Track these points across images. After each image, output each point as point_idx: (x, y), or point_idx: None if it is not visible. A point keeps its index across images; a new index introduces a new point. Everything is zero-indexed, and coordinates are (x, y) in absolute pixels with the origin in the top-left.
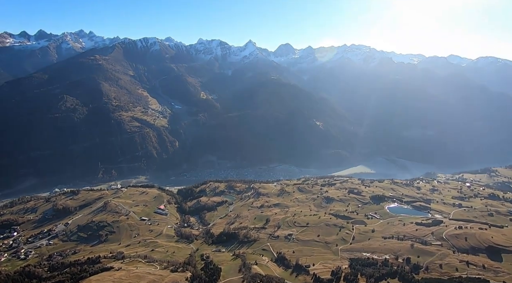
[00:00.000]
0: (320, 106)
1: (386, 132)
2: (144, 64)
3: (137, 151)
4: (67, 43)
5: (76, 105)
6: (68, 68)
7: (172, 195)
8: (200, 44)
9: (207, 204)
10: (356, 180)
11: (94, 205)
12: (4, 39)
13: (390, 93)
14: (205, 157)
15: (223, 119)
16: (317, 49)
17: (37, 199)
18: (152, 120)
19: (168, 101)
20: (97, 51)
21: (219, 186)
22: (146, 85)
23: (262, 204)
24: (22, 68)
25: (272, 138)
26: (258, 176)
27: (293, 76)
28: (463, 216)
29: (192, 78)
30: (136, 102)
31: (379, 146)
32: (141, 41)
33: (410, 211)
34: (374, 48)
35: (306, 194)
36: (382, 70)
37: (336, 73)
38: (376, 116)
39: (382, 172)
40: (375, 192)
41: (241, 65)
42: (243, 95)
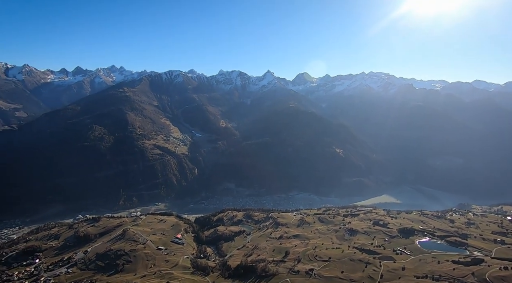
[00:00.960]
0: (339, 134)
1: (410, 160)
2: (168, 94)
3: (158, 178)
4: (99, 78)
5: (103, 134)
6: (98, 100)
7: (190, 224)
8: (221, 75)
9: (224, 233)
10: (381, 210)
11: (113, 232)
12: (46, 76)
13: (412, 120)
14: (223, 185)
15: (242, 147)
16: (335, 78)
17: (61, 225)
18: (173, 148)
19: (189, 129)
20: (126, 84)
21: (236, 215)
22: (169, 115)
23: (281, 234)
24: (60, 101)
25: (291, 166)
26: (277, 205)
27: (311, 104)
28: (508, 255)
29: (213, 107)
30: (159, 130)
31: (404, 174)
32: (166, 74)
33: (445, 247)
34: (393, 75)
35: (327, 224)
36: (402, 96)
37: (355, 101)
38: (399, 144)
39: (409, 202)
40: (403, 224)
41: (259, 94)
42: (261, 123)
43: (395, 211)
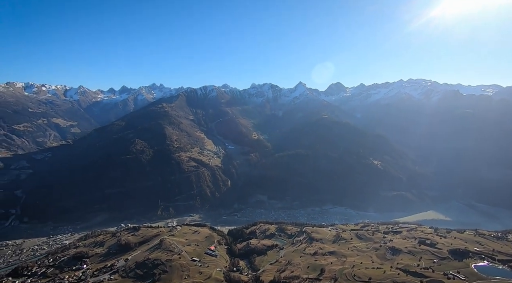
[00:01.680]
0: (376, 145)
1: (459, 172)
2: (202, 109)
3: (193, 189)
4: (142, 95)
5: (144, 147)
6: (140, 116)
7: (223, 236)
8: (253, 88)
9: (257, 247)
10: (428, 228)
11: (151, 242)
12: (97, 95)
13: (460, 128)
14: (255, 197)
15: (274, 159)
16: (370, 86)
17: (105, 233)
18: (207, 160)
19: (222, 142)
20: (164, 100)
21: (269, 228)
22: (203, 128)
23: (316, 250)
24: (108, 118)
25: (324, 179)
26: (311, 219)
27: (345, 115)
28: None
29: (245, 120)
30: (194, 143)
31: (452, 188)
32: (201, 89)
33: (508, 273)
34: (435, 81)
35: (366, 242)
36: (447, 104)
37: (392, 110)
38: (445, 155)
39: (460, 220)
40: (454, 245)
41: (291, 106)
42: (293, 134)
43: (444, 229)
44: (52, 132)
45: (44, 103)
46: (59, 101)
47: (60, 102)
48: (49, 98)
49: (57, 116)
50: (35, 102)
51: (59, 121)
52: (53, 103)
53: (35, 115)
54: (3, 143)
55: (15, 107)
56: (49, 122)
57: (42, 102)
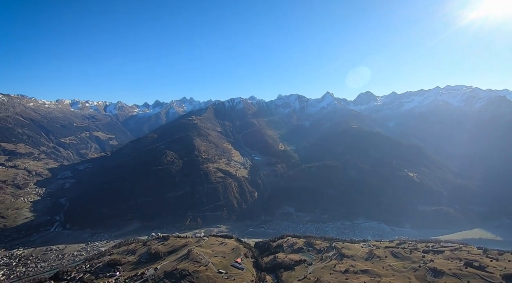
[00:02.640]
0: (411, 155)
1: (510, 186)
2: (230, 120)
3: (220, 200)
4: (173, 109)
5: (174, 158)
6: (171, 128)
7: (249, 248)
8: (279, 99)
9: (284, 261)
10: (475, 248)
11: (179, 252)
12: (133, 109)
13: (508, 137)
14: (282, 208)
15: (301, 170)
16: (403, 94)
17: (137, 241)
18: (234, 171)
19: (249, 153)
20: (194, 113)
21: (297, 242)
22: (230, 139)
23: (347, 268)
24: (142, 130)
25: (355, 191)
26: (341, 233)
27: (376, 124)
28: None
29: (271, 131)
30: (221, 154)
31: (503, 204)
32: (228, 102)
33: None
34: (477, 87)
35: (403, 261)
36: (492, 111)
37: (429, 118)
38: (491, 167)
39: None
40: (509, 269)
41: (319, 116)
42: (321, 145)
43: (495, 250)
44: (93, 144)
45: (87, 118)
46: (100, 116)
47: (100, 116)
48: (91, 114)
49: (97, 129)
50: (79, 117)
51: (99, 134)
52: (95, 118)
53: (79, 129)
54: (52, 154)
55: (62, 122)
56: (91, 135)
57: (86, 117)
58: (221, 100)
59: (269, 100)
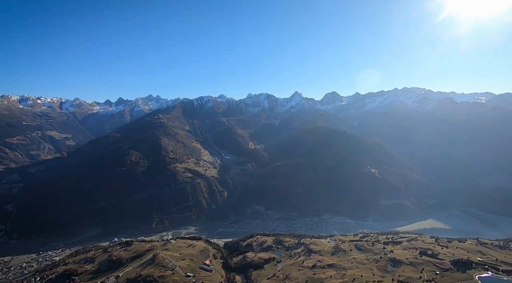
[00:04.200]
0: (374, 153)
1: (458, 180)
2: (199, 119)
3: (188, 201)
4: (138, 107)
5: (139, 159)
6: (135, 127)
7: (218, 249)
8: (249, 98)
9: (253, 260)
10: (428, 237)
11: (144, 257)
12: (93, 107)
13: (456, 136)
14: (252, 207)
15: (271, 169)
16: (365, 95)
17: (97, 248)
18: (203, 171)
19: (218, 152)
20: (161, 111)
21: (266, 240)
22: (199, 138)
23: (314, 263)
24: (103, 129)
25: (322, 188)
26: (309, 229)
27: (341, 123)
28: None
29: (241, 130)
30: (190, 154)
31: (452, 196)
32: (197, 100)
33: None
34: (429, 89)
35: (366, 253)
36: (442, 111)
37: (388, 118)
38: (442, 162)
39: (460, 228)
40: (456, 255)
41: (287, 115)
42: (290, 144)
43: (445, 238)
44: (47, 145)
45: (39, 116)
46: (54, 114)
47: (55, 114)
48: (44, 111)
49: (51, 128)
50: (29, 115)
51: (53, 133)
52: (48, 116)
53: (30, 128)
54: None
55: (8, 121)
56: (44, 135)
57: (37, 115)
58: (190, 99)
59: (239, 99)
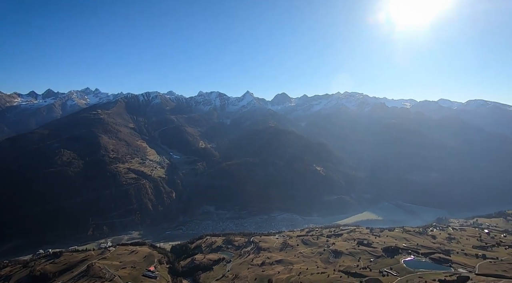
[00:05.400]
0: (319, 152)
1: (389, 176)
2: (144, 116)
3: (132, 204)
4: (72, 100)
5: (72, 159)
6: (68, 123)
7: (165, 253)
8: (200, 96)
9: (202, 262)
10: (365, 228)
11: (76, 269)
12: (12, 99)
13: (387, 137)
14: (202, 208)
15: (222, 168)
16: (312, 97)
17: (15, 263)
18: (149, 171)
19: (166, 151)
20: (100, 106)
21: (216, 241)
22: (145, 137)
23: (263, 260)
24: (27, 125)
25: (272, 186)
26: (259, 227)
27: (290, 123)
28: (491, 270)
29: (191, 128)
30: (134, 153)
31: (384, 190)
32: (143, 95)
33: (430, 265)
34: (366, 94)
35: (311, 247)
36: (376, 115)
37: (332, 119)
38: (376, 160)
39: (390, 218)
40: (387, 243)
41: (239, 114)
42: (241, 143)
43: (378, 228)
44: None
45: None
46: None
47: None
48: None
49: None
50: None
51: None
52: None
53: None
54: None
55: None
56: None
57: None
58: (135, 94)
59: (189, 97)
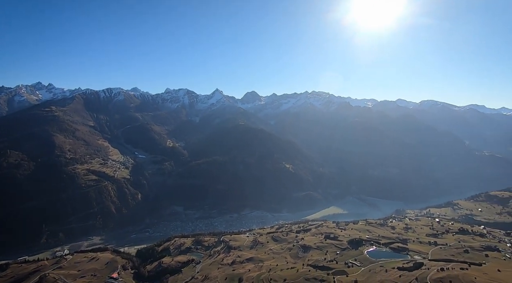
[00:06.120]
0: (288, 149)
1: (353, 172)
2: (106, 114)
3: (92, 207)
4: (20, 96)
5: (21, 160)
6: (17, 121)
7: (129, 258)
8: (167, 93)
9: (170, 265)
10: (331, 223)
11: (26, 281)
12: None
13: (352, 134)
14: (170, 208)
15: (191, 167)
16: (281, 96)
17: None
18: (111, 172)
19: (131, 151)
20: (54, 103)
21: (185, 242)
22: (107, 136)
23: (234, 259)
24: None
25: (242, 184)
26: (229, 226)
27: (260, 122)
28: (441, 255)
29: (158, 127)
30: (95, 153)
31: (349, 186)
32: (104, 92)
33: (390, 254)
34: (332, 94)
35: (281, 243)
36: (341, 113)
37: (300, 117)
38: (342, 157)
39: (355, 212)
40: (351, 235)
41: (208, 112)
42: (211, 141)
43: (344, 222)
44: None
45: None
46: None
47: None
48: None
49: None
50: None
51: None
52: None
53: None
54: None
55: None
56: None
57: None
58: (94, 90)
59: (156, 94)
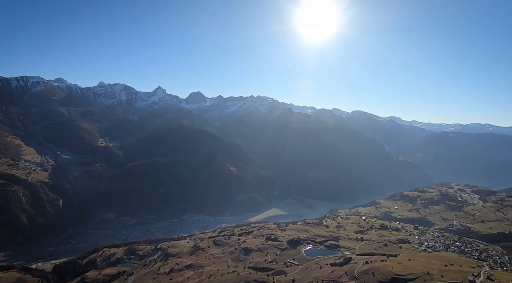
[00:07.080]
0: (233, 152)
1: (293, 174)
2: (19, 106)
3: None
4: None
5: None
6: None
7: (43, 276)
8: (101, 87)
9: (96, 280)
10: (272, 224)
11: None
12: None
13: (293, 139)
14: (100, 215)
15: (126, 169)
16: (228, 98)
17: None
18: (24, 175)
19: (52, 150)
20: None
21: (115, 252)
22: (20, 132)
23: (172, 267)
24: None
25: (185, 187)
26: (168, 232)
27: (205, 123)
28: (366, 250)
29: (88, 124)
30: (1, 152)
31: (289, 188)
32: (18, 80)
33: (324, 252)
34: (276, 99)
35: (223, 247)
36: (284, 119)
37: (245, 121)
38: (283, 160)
39: (294, 213)
40: (291, 236)
41: (149, 111)
42: (151, 142)
43: (284, 223)
44: None
45: None
46: None
47: None
48: None
49: None
50: None
51: None
52: None
53: None
54: None
55: None
56: None
57: None
58: (4, 77)
59: (86, 87)
